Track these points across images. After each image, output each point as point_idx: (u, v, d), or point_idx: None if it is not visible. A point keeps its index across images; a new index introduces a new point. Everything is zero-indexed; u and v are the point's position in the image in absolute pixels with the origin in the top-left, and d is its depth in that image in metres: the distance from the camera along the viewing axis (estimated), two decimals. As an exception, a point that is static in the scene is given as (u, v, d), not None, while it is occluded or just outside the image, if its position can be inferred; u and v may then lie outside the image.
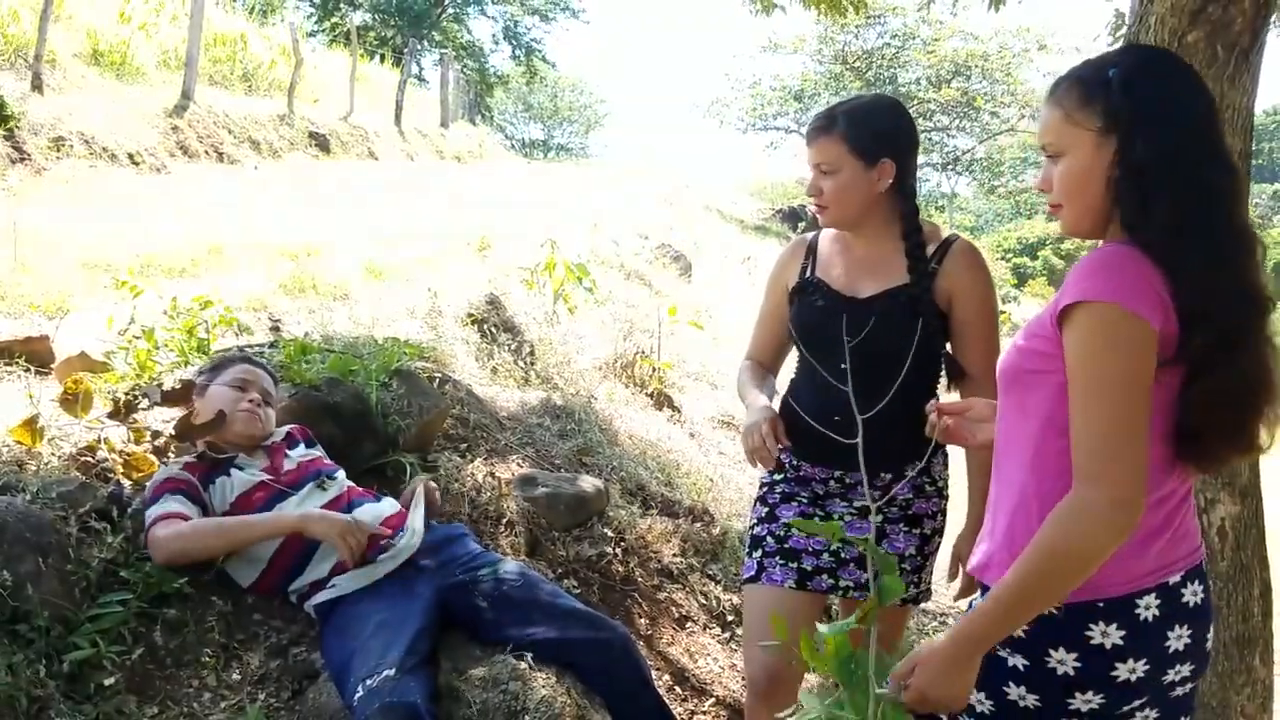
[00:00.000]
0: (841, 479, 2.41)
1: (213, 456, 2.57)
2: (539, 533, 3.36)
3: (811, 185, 2.35)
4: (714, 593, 3.65)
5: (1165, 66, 1.56)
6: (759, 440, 2.30)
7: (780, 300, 2.52)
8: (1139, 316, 1.40)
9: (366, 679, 2.06)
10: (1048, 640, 1.51)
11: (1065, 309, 1.45)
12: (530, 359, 5.04)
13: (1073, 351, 1.45)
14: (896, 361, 2.35)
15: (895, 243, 2.41)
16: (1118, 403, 1.41)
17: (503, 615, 2.42)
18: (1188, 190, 1.45)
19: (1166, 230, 1.44)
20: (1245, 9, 2.22)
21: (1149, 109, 1.48)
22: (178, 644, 2.29)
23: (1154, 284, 1.42)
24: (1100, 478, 1.40)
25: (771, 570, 2.41)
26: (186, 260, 5.67)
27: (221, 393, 2.67)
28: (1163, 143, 1.46)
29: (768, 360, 2.59)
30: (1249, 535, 2.41)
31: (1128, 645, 1.49)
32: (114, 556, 2.31)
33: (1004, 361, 1.61)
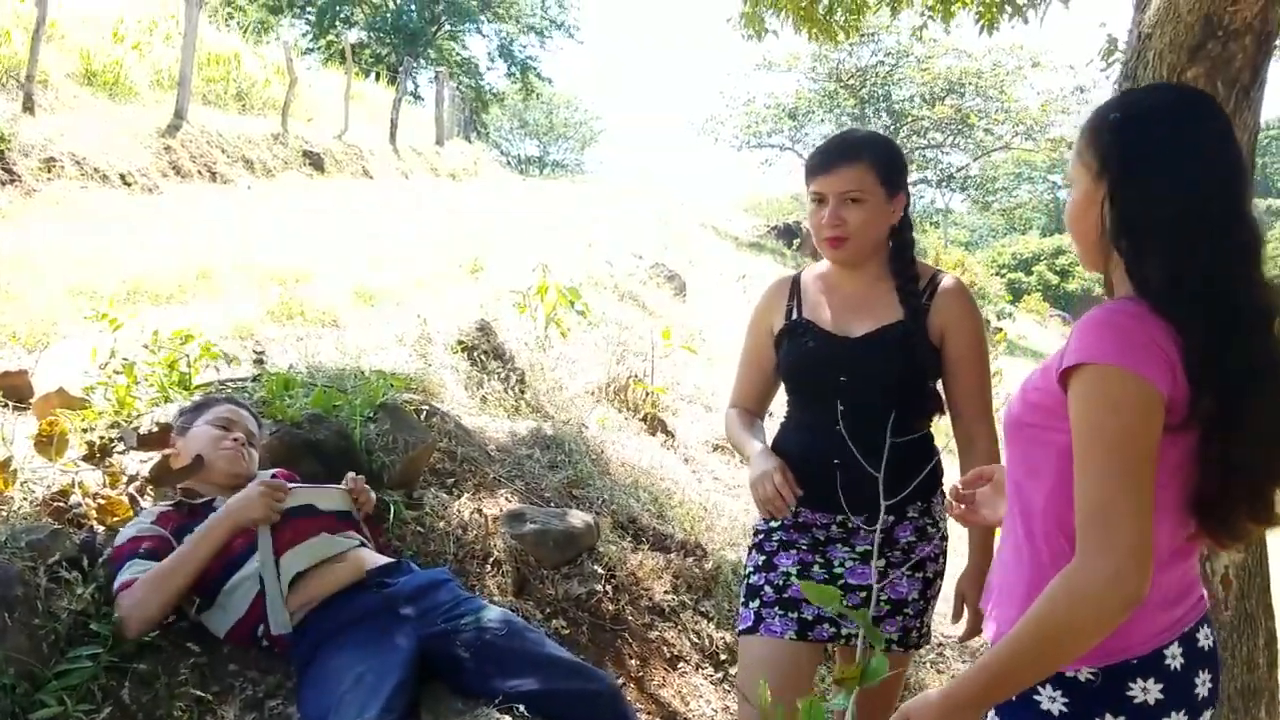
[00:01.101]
0: (844, 523, 2.35)
1: (189, 504, 2.50)
2: (527, 571, 3.29)
3: (832, 215, 2.25)
4: (706, 631, 3.58)
5: (1179, 115, 1.46)
6: (772, 489, 2.25)
7: (764, 344, 2.47)
8: (1143, 379, 1.34)
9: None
10: (1093, 712, 1.46)
11: (1068, 370, 1.40)
12: (521, 387, 4.98)
13: (1075, 414, 1.40)
14: (894, 399, 2.32)
15: (884, 280, 2.38)
16: (1119, 470, 1.35)
17: (485, 665, 2.35)
18: (1186, 248, 1.39)
19: (1164, 288, 1.39)
20: (1246, 45, 2.18)
21: (1138, 158, 1.43)
22: (149, 698, 2.22)
23: (1161, 344, 1.36)
24: (1102, 550, 1.34)
25: (771, 621, 2.35)
26: (174, 286, 5.61)
27: (204, 433, 2.61)
28: (1155, 194, 1.41)
29: (754, 405, 2.54)
30: (1253, 584, 2.35)
31: (1169, 698, 1.46)
32: (84, 608, 2.24)
33: (1010, 413, 1.56)
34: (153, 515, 2.47)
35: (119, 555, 2.36)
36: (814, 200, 2.29)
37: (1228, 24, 2.17)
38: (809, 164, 2.33)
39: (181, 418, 2.70)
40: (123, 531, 2.43)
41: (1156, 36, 2.26)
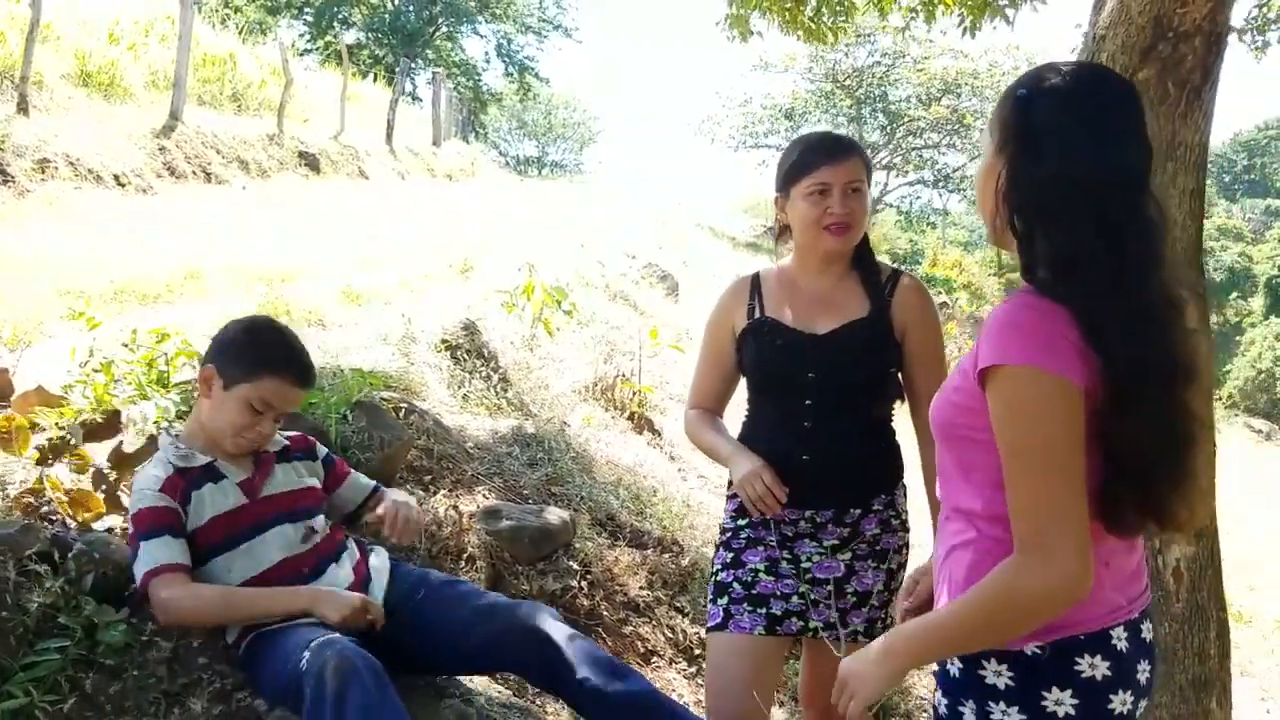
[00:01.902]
0: (812, 518, 2.40)
1: (187, 468, 2.37)
2: (502, 567, 3.32)
3: (843, 204, 2.32)
4: (681, 626, 3.61)
5: (1086, 97, 1.44)
6: (763, 488, 2.30)
7: (725, 344, 2.51)
8: (1058, 376, 1.35)
9: (313, 641, 2.08)
10: (1040, 685, 1.47)
11: (983, 371, 1.41)
12: (503, 385, 5.01)
13: (996, 417, 1.40)
14: (861, 394, 2.39)
15: (847, 277, 2.43)
16: (1049, 471, 1.36)
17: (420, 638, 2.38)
18: (1078, 229, 1.38)
19: (1053, 270, 1.39)
20: (1196, 46, 2.21)
21: (1036, 136, 1.42)
22: (117, 690, 2.25)
23: (1066, 333, 1.37)
24: (1044, 551, 1.36)
25: (739, 618, 2.38)
26: (162, 286, 5.64)
27: (236, 404, 2.35)
28: (1048, 171, 1.40)
29: (714, 405, 2.58)
30: (1204, 576, 2.38)
31: (1115, 676, 1.47)
32: (53, 601, 2.27)
33: (937, 412, 1.57)
34: (157, 482, 2.33)
35: (139, 526, 2.30)
36: (816, 191, 2.33)
37: (1178, 26, 2.20)
38: (806, 158, 2.37)
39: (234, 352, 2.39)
40: (132, 501, 2.35)
41: (1109, 38, 2.30)
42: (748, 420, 2.54)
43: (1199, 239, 2.34)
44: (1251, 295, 37.52)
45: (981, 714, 1.50)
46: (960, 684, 1.54)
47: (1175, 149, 2.26)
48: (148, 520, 2.31)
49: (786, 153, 2.44)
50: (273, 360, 2.38)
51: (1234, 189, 55.05)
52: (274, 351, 2.40)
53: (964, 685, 1.53)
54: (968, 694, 1.53)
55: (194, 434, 2.45)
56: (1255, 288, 37.11)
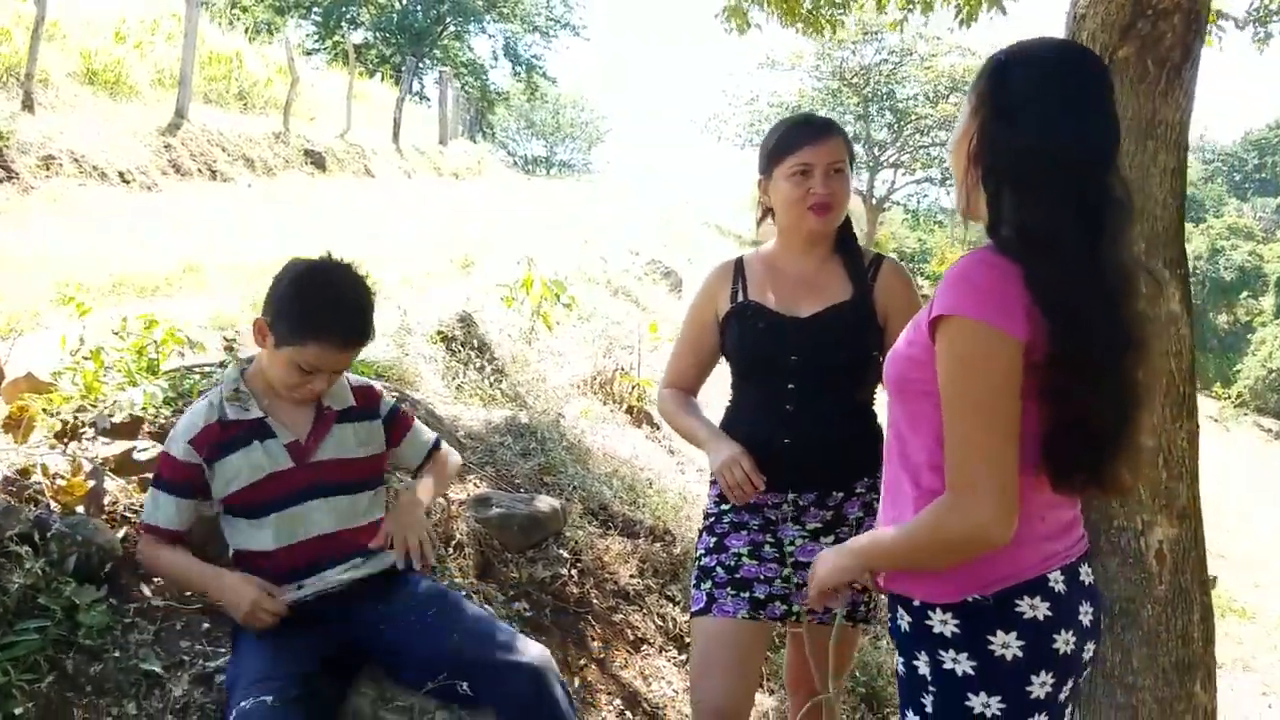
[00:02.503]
0: (795, 502, 2.40)
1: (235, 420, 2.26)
2: (491, 554, 3.32)
3: (825, 184, 2.32)
4: (671, 614, 3.61)
5: (1059, 67, 1.48)
6: (741, 475, 2.30)
7: (707, 327, 2.50)
8: (999, 330, 1.39)
9: (242, 702, 2.01)
10: (984, 629, 1.51)
11: (933, 322, 1.45)
12: (498, 376, 5.01)
13: (940, 365, 1.45)
14: (843, 377, 2.38)
15: (830, 261, 2.43)
16: (980, 421, 1.41)
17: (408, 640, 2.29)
18: (1042, 197, 1.41)
19: (1016, 233, 1.42)
20: (1175, 25, 2.20)
21: (1012, 101, 1.45)
22: (98, 671, 2.25)
23: (1017, 293, 1.40)
24: (966, 495, 1.42)
25: (723, 602, 2.38)
26: (160, 279, 5.66)
27: (285, 366, 2.22)
28: (1019, 138, 1.43)
29: (691, 386, 2.59)
30: (1188, 559, 2.37)
31: (1055, 616, 1.51)
32: (34, 582, 2.27)
33: (891, 366, 1.62)
34: (191, 431, 2.26)
35: (156, 474, 2.30)
36: (798, 172, 2.32)
37: (1157, 4, 2.19)
38: (788, 139, 2.36)
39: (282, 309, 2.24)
40: (169, 437, 2.31)
41: (1090, 17, 2.28)
42: (730, 405, 2.54)
43: (1181, 217, 2.32)
44: (1262, 294, 37.32)
45: (934, 664, 1.54)
46: (911, 637, 1.59)
47: (1155, 127, 2.25)
48: (166, 470, 2.29)
49: (769, 134, 2.44)
50: (317, 325, 2.19)
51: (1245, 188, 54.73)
52: (319, 315, 2.20)
53: (915, 638, 1.58)
54: (920, 646, 1.57)
55: (256, 376, 2.33)
56: (1266, 287, 36.92)
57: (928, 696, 1.56)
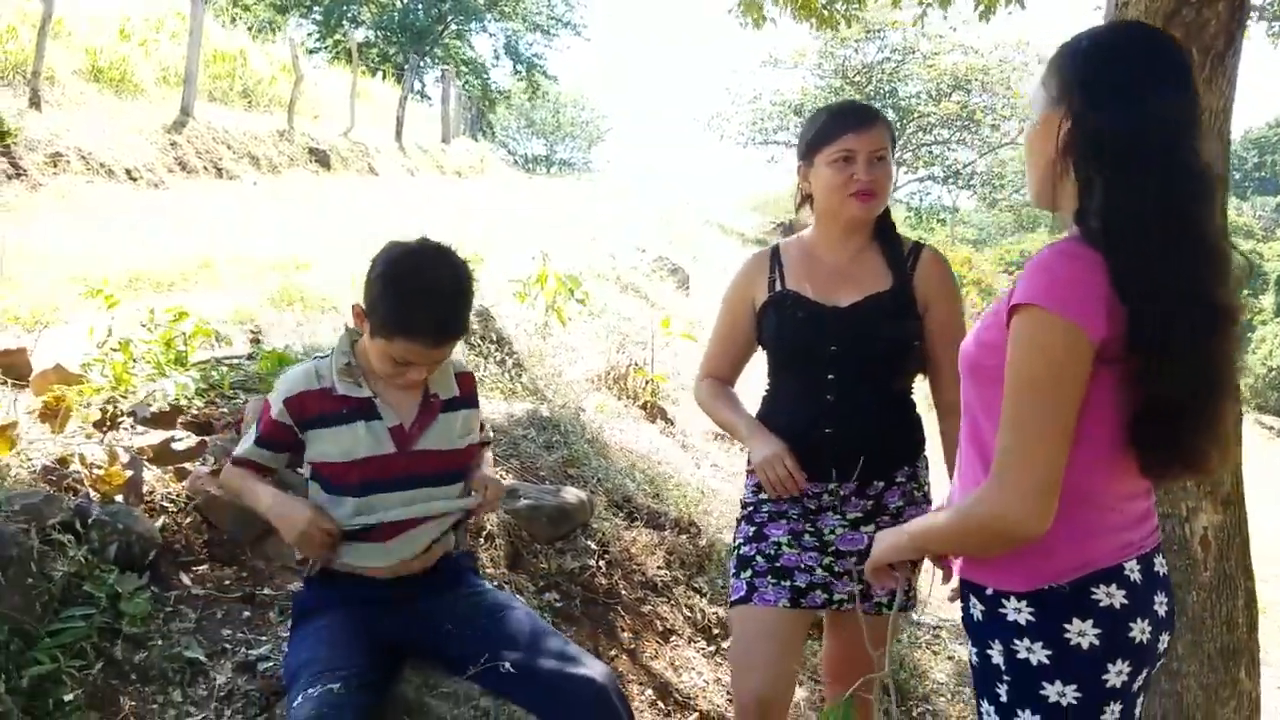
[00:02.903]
0: (835, 492, 2.38)
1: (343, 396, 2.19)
2: (520, 545, 3.32)
3: (867, 171, 2.30)
4: (699, 605, 3.61)
5: (1140, 44, 1.47)
6: (784, 472, 2.29)
7: (744, 317, 2.49)
8: (1070, 322, 1.37)
9: (309, 688, 1.99)
10: (1060, 617, 1.49)
11: (1011, 309, 1.44)
12: (518, 370, 5.01)
13: (1008, 350, 1.44)
14: (883, 366, 2.37)
15: (868, 250, 2.42)
16: (1037, 412, 1.40)
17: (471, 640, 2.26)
18: (1135, 182, 1.39)
19: (1105, 222, 1.40)
20: (1219, 12, 2.20)
21: (1102, 86, 1.43)
22: (143, 658, 2.26)
23: (1098, 285, 1.39)
24: (1009, 488, 1.42)
25: (764, 590, 2.37)
26: (175, 275, 5.66)
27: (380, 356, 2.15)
28: (1110, 129, 1.41)
29: (728, 377, 2.56)
30: (1232, 545, 2.37)
31: (1132, 605, 1.49)
32: (78, 570, 2.28)
33: (965, 352, 1.60)
34: (290, 391, 2.20)
35: (258, 416, 2.24)
36: (841, 159, 2.30)
37: (1201, -10, 2.20)
38: (831, 125, 2.34)
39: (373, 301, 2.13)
40: (273, 391, 2.24)
41: (1133, 5, 2.28)
42: (768, 395, 2.52)
43: (1224, 204, 2.32)
44: (1262, 293, 37.36)
45: (1009, 654, 1.52)
46: (985, 626, 1.57)
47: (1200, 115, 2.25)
48: (262, 422, 2.23)
49: (810, 120, 2.42)
50: (405, 322, 2.08)
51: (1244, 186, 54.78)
52: (408, 312, 2.09)
53: (988, 627, 1.56)
54: (994, 635, 1.55)
55: (363, 353, 2.24)
56: (1266, 285, 36.96)
57: (1002, 686, 1.54)
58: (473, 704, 2.27)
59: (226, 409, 3.09)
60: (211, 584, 2.52)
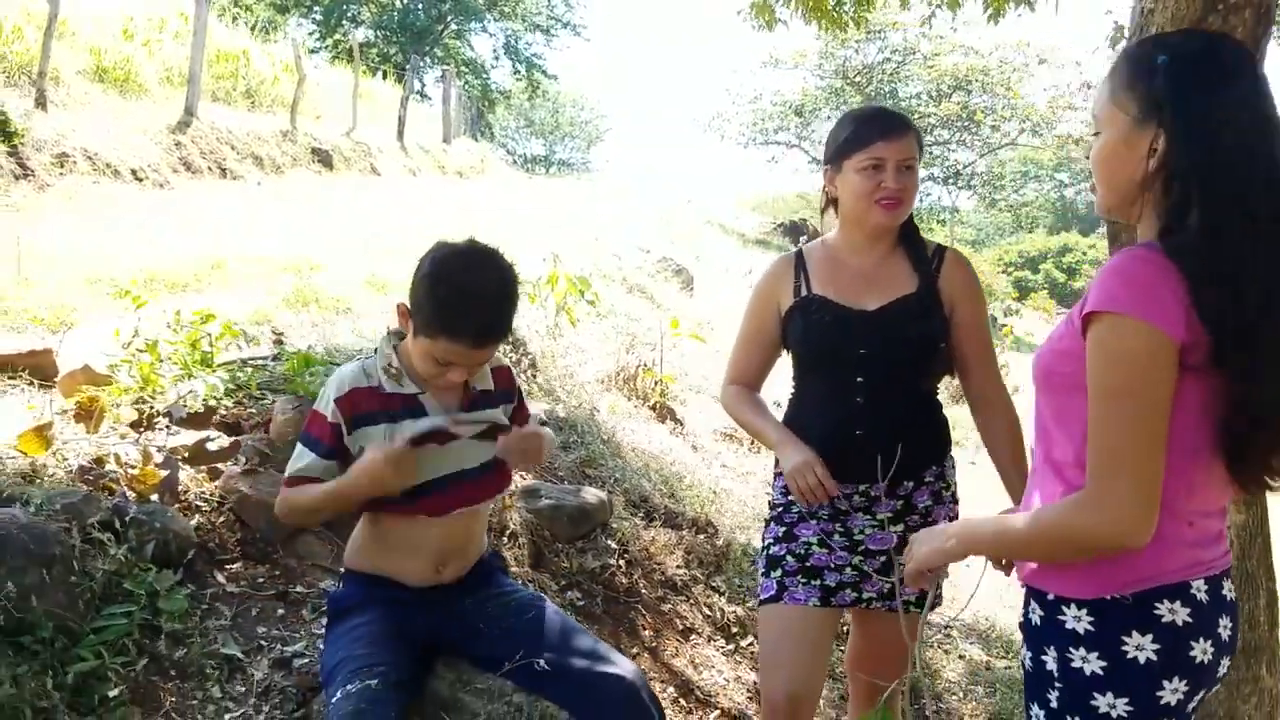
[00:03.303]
0: (866, 493, 2.41)
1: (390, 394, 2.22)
2: (543, 544, 3.36)
3: (896, 179, 2.32)
4: (718, 604, 3.64)
5: (1226, 59, 1.44)
6: (815, 480, 2.31)
7: (769, 321, 2.50)
8: (1152, 327, 1.36)
9: (348, 685, 2.03)
10: (1119, 629, 1.48)
11: (1086, 317, 1.42)
12: (533, 371, 5.04)
13: (1089, 361, 1.43)
14: (911, 368, 2.40)
15: (894, 253, 2.45)
16: (1127, 420, 1.38)
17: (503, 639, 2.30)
18: (1231, 198, 1.38)
19: (1202, 237, 1.38)
20: (1246, 19, 2.23)
21: (1197, 104, 1.41)
22: (182, 655, 2.29)
23: (1176, 292, 1.37)
24: (1108, 498, 1.39)
25: (794, 590, 2.40)
26: (189, 275, 5.69)
27: (422, 355, 2.18)
28: (1209, 142, 1.40)
29: (754, 382, 2.58)
30: (1254, 544, 2.40)
31: (1196, 624, 1.48)
32: (117, 568, 2.31)
33: (1040, 360, 1.58)
34: (340, 390, 2.20)
35: (305, 428, 2.24)
36: (870, 166, 2.32)
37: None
38: (862, 132, 2.36)
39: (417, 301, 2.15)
40: (321, 393, 2.24)
41: (1158, 11, 2.31)
42: (794, 398, 2.55)
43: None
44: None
45: (1063, 661, 1.52)
46: (1042, 631, 1.57)
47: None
48: (313, 426, 2.23)
49: (840, 125, 2.44)
50: (448, 323, 2.10)
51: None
52: (451, 313, 2.11)
53: (1046, 633, 1.56)
54: (1050, 641, 1.55)
55: (406, 352, 2.27)
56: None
57: (1054, 692, 1.54)
58: (506, 700, 2.30)
59: (255, 409, 3.12)
60: (245, 582, 2.55)
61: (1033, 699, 1.60)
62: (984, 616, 4.88)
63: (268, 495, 2.72)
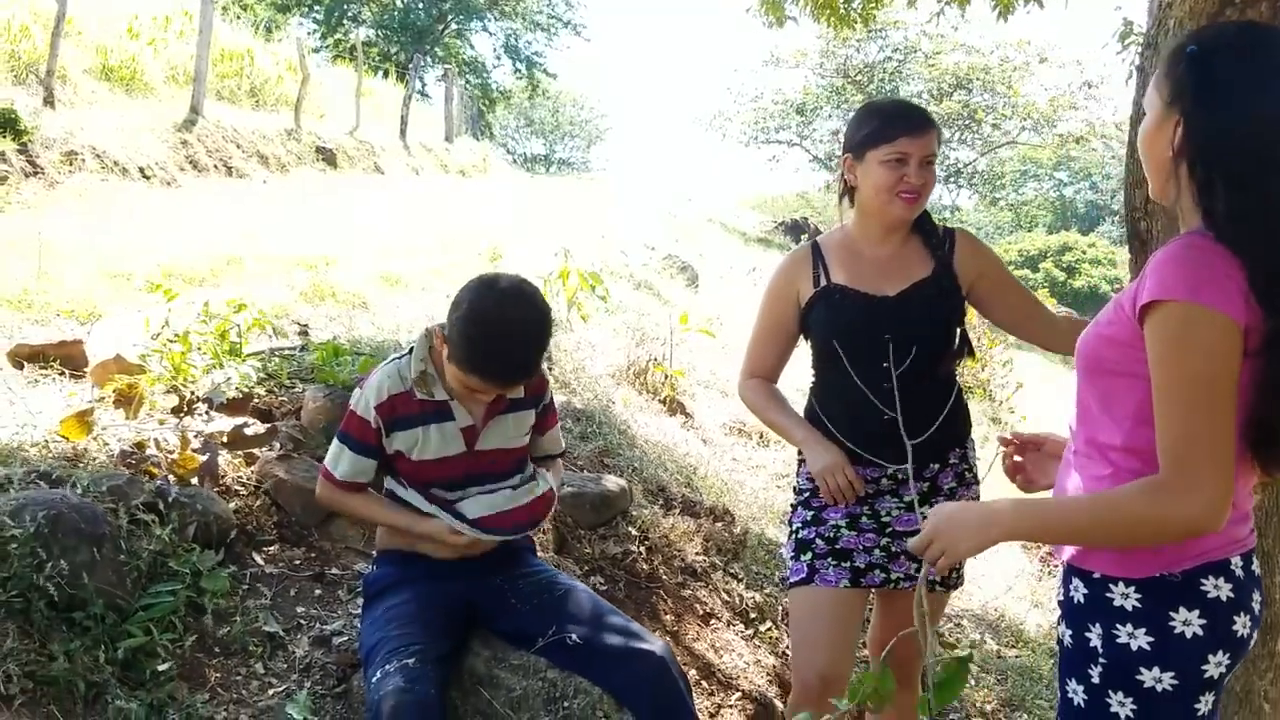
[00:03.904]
0: (894, 475, 2.47)
1: (423, 400, 2.32)
2: (565, 531, 3.42)
3: (918, 174, 2.39)
4: (736, 590, 3.70)
5: (1257, 49, 1.48)
6: (844, 480, 2.39)
7: (788, 312, 2.55)
8: (1220, 313, 1.39)
9: (387, 664, 2.09)
10: (1168, 605, 1.52)
11: (1146, 306, 1.45)
12: (548, 364, 5.11)
13: (1154, 350, 1.45)
14: (934, 351, 2.46)
15: (908, 241, 2.51)
16: (1203, 405, 1.41)
17: (535, 615, 2.39)
18: (1256, 176, 1.42)
19: (1232, 216, 1.42)
20: (1262, 12, 2.28)
21: (1214, 89, 1.45)
22: (226, 633, 2.35)
23: (1233, 275, 1.40)
24: (1191, 485, 1.41)
25: (825, 571, 2.46)
26: (206, 270, 5.74)
27: (456, 378, 2.26)
28: (1227, 128, 1.44)
29: (773, 374, 2.63)
30: (1270, 522, 2.46)
31: (1236, 598, 1.52)
32: (162, 548, 2.37)
33: (1085, 345, 1.61)
34: (379, 395, 2.31)
35: (344, 427, 2.35)
36: (894, 159, 2.38)
37: (1245, -10, 2.28)
38: (888, 126, 2.40)
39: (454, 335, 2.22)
40: (358, 396, 2.36)
41: (1176, 5, 2.36)
42: (816, 386, 2.59)
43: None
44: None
45: (1108, 637, 1.56)
46: (1086, 609, 1.60)
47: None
48: (351, 427, 2.34)
49: (863, 117, 2.49)
50: (478, 364, 2.20)
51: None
52: (485, 354, 2.19)
53: (1090, 610, 1.59)
54: (1095, 618, 1.58)
55: (440, 357, 2.34)
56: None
57: (1095, 668, 1.58)
58: (540, 676, 2.35)
59: (286, 398, 3.18)
60: (283, 563, 2.61)
61: (1070, 675, 1.63)
62: (993, 606, 4.95)
63: (303, 480, 2.79)
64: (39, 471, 2.41)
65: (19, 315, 4.18)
